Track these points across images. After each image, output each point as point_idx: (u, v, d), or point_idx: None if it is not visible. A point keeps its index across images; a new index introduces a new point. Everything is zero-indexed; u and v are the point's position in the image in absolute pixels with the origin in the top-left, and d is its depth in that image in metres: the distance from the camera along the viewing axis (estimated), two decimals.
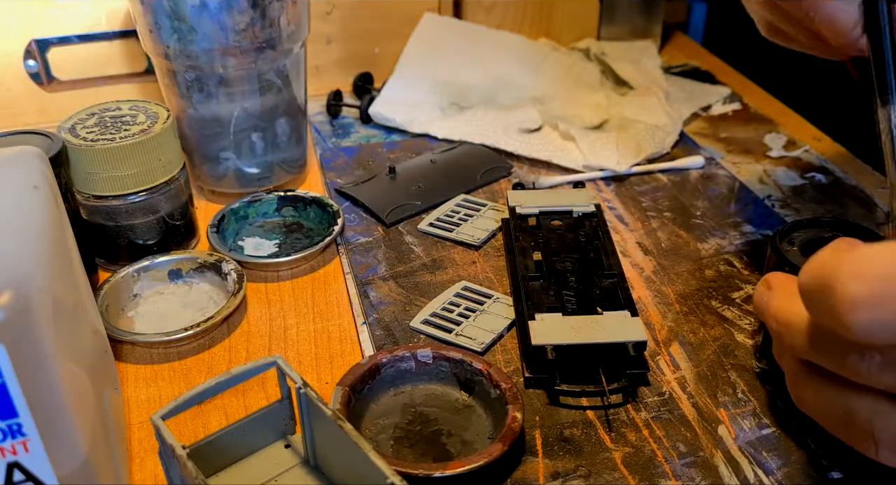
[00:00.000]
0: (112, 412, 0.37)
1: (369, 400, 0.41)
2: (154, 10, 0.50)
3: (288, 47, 0.54)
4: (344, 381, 0.40)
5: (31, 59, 0.64)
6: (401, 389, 0.42)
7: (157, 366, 0.45)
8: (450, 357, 0.41)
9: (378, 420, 0.40)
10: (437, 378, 0.42)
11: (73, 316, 0.34)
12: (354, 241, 0.54)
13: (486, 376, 0.40)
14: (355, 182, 0.59)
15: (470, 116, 0.66)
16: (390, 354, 0.42)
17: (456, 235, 0.53)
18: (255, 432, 0.37)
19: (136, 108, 0.51)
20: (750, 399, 0.41)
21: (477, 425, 0.40)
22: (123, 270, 0.48)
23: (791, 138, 0.65)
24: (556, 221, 0.51)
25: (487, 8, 0.75)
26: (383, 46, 0.73)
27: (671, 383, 0.42)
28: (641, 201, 0.58)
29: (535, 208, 0.51)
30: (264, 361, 0.35)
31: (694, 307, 0.48)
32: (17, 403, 0.28)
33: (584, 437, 0.39)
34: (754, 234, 0.54)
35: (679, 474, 0.37)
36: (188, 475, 0.31)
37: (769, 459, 0.38)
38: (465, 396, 0.41)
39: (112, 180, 0.48)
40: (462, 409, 0.41)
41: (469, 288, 0.49)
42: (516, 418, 0.38)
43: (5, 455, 0.29)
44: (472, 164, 0.61)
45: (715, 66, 0.78)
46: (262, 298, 0.49)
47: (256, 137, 0.56)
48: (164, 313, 0.48)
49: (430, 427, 0.40)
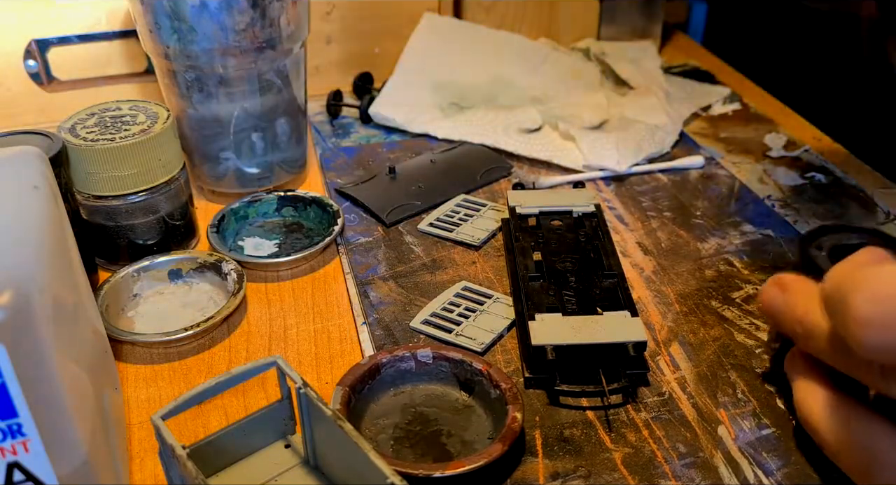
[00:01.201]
0: (112, 412, 0.37)
1: (369, 400, 0.41)
2: (154, 10, 0.50)
3: (288, 47, 0.54)
4: (344, 381, 0.40)
5: (31, 59, 0.64)
6: (401, 389, 0.42)
7: (157, 366, 0.45)
8: (450, 357, 0.41)
9: (378, 420, 0.40)
10: (437, 378, 0.42)
11: (73, 316, 0.34)
12: (354, 241, 0.54)
13: (486, 376, 0.40)
14: (355, 182, 0.59)
15: (470, 116, 0.66)
16: (390, 355, 0.42)
17: (456, 236, 0.53)
18: (255, 432, 0.37)
19: (136, 108, 0.51)
20: (750, 400, 0.41)
21: (477, 425, 0.40)
22: (123, 270, 0.48)
23: (791, 138, 0.65)
24: (556, 221, 0.51)
25: (487, 8, 0.75)
26: (383, 46, 0.73)
27: (671, 384, 0.42)
28: (641, 201, 0.58)
29: (535, 208, 0.51)
30: (264, 361, 0.35)
31: (694, 307, 0.48)
32: (17, 403, 0.28)
33: (584, 437, 0.39)
34: (754, 234, 0.54)
35: (679, 474, 0.37)
36: (188, 475, 0.31)
37: (769, 459, 0.38)
38: (465, 396, 0.41)
39: (112, 180, 0.48)
40: (462, 409, 0.41)
41: (469, 288, 0.49)
42: (516, 418, 0.38)
43: (5, 455, 0.29)
44: (472, 164, 0.61)
45: (715, 66, 0.78)
46: (262, 298, 0.49)
47: (256, 137, 0.56)
48: (164, 313, 0.48)
49: (430, 427, 0.40)
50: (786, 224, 0.54)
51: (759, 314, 0.47)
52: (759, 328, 0.46)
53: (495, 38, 0.74)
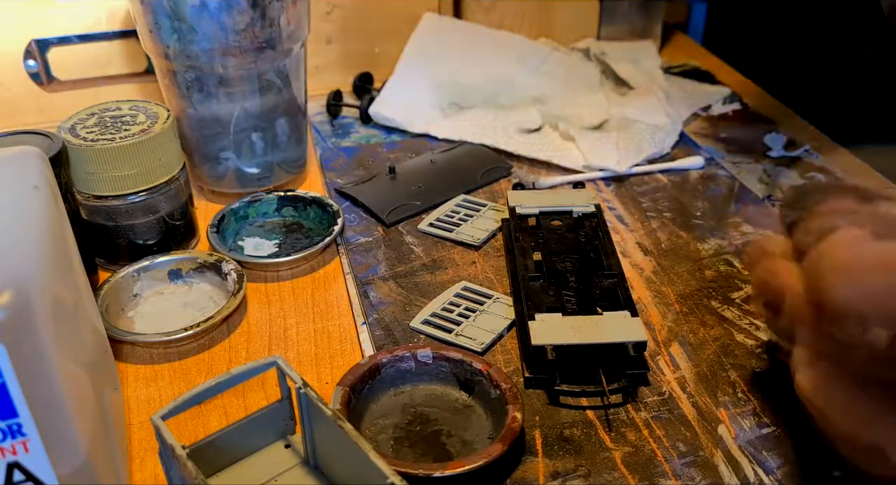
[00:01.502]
0: (112, 412, 0.37)
1: (369, 400, 0.41)
2: (154, 10, 0.50)
3: (288, 47, 0.54)
4: (344, 381, 0.40)
5: (31, 59, 0.64)
6: (401, 389, 0.42)
7: (157, 366, 0.45)
8: (450, 357, 0.41)
9: (378, 420, 0.40)
10: (437, 378, 0.42)
11: (73, 316, 0.34)
12: (354, 241, 0.54)
13: (486, 376, 0.40)
14: (355, 182, 0.59)
15: (470, 116, 0.66)
16: (390, 355, 0.42)
17: (456, 236, 0.53)
18: (255, 432, 0.37)
19: (136, 109, 0.51)
20: (750, 399, 0.41)
21: (477, 425, 0.40)
22: (123, 270, 0.48)
23: (791, 138, 0.65)
24: (556, 221, 0.51)
25: (487, 8, 0.75)
26: (383, 46, 0.73)
27: (671, 383, 0.42)
28: (641, 202, 0.57)
29: (535, 208, 0.51)
30: (264, 361, 0.35)
31: (694, 307, 0.48)
32: (17, 403, 0.28)
33: (583, 437, 0.39)
34: (754, 234, 0.54)
35: (679, 473, 0.37)
36: (188, 475, 0.31)
37: (769, 458, 0.38)
38: (465, 396, 0.41)
39: (112, 180, 0.48)
40: (462, 409, 0.41)
41: (469, 288, 0.49)
42: (516, 418, 0.38)
43: (5, 455, 0.29)
44: (472, 164, 0.61)
45: (715, 66, 0.78)
46: (262, 298, 0.49)
47: (256, 137, 0.56)
48: (164, 313, 0.48)
49: (430, 427, 0.40)
50: None
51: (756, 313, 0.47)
52: (759, 328, 0.46)
53: (495, 38, 0.74)
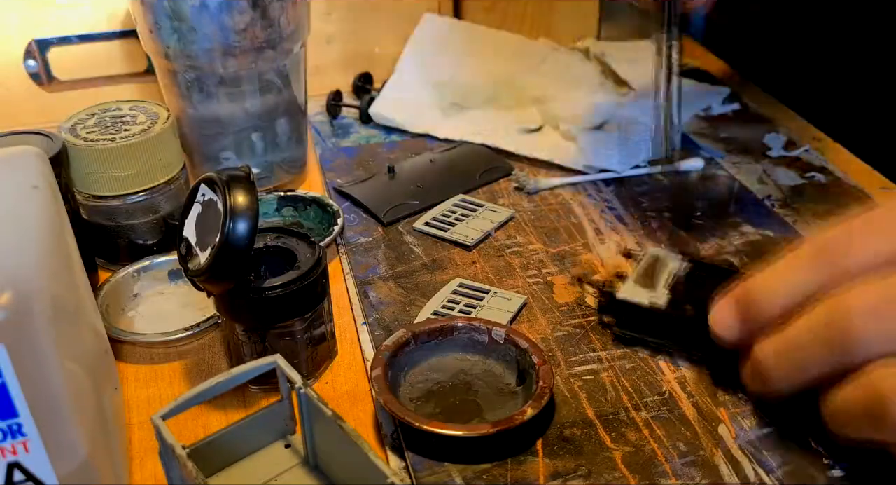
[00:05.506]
0: (112, 412, 0.37)
1: (431, 353, 0.42)
2: (154, 10, 0.50)
3: (288, 47, 0.54)
4: (411, 327, 0.42)
5: (31, 59, 0.64)
6: (467, 357, 0.43)
7: (157, 366, 0.45)
8: (518, 344, 0.42)
9: (428, 372, 0.42)
10: (502, 359, 0.42)
11: (73, 316, 0.34)
12: (354, 241, 0.54)
13: (536, 371, 0.40)
14: (354, 181, 0.59)
15: (470, 116, 0.66)
16: (468, 322, 0.43)
17: (450, 235, 0.53)
18: (255, 432, 0.37)
19: (136, 109, 0.51)
20: (750, 399, 0.41)
21: (510, 411, 0.39)
22: (123, 270, 0.48)
23: (791, 138, 0.65)
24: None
25: (487, 8, 0.75)
26: (383, 46, 0.73)
27: (671, 383, 0.42)
28: (641, 202, 0.57)
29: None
30: (264, 361, 0.35)
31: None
32: (17, 403, 0.28)
33: (584, 436, 0.39)
34: (754, 234, 0.54)
35: (679, 473, 0.37)
36: (188, 475, 0.31)
37: (770, 457, 0.38)
38: (515, 384, 0.41)
39: (112, 180, 0.48)
40: (507, 394, 0.41)
41: (465, 285, 0.49)
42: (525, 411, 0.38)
43: (5, 455, 0.29)
44: (472, 164, 0.61)
45: (715, 66, 0.78)
46: None
47: (256, 136, 0.56)
48: (164, 313, 0.48)
49: (468, 397, 0.41)
50: (786, 224, 0.54)
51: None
52: None
53: (495, 38, 0.74)
